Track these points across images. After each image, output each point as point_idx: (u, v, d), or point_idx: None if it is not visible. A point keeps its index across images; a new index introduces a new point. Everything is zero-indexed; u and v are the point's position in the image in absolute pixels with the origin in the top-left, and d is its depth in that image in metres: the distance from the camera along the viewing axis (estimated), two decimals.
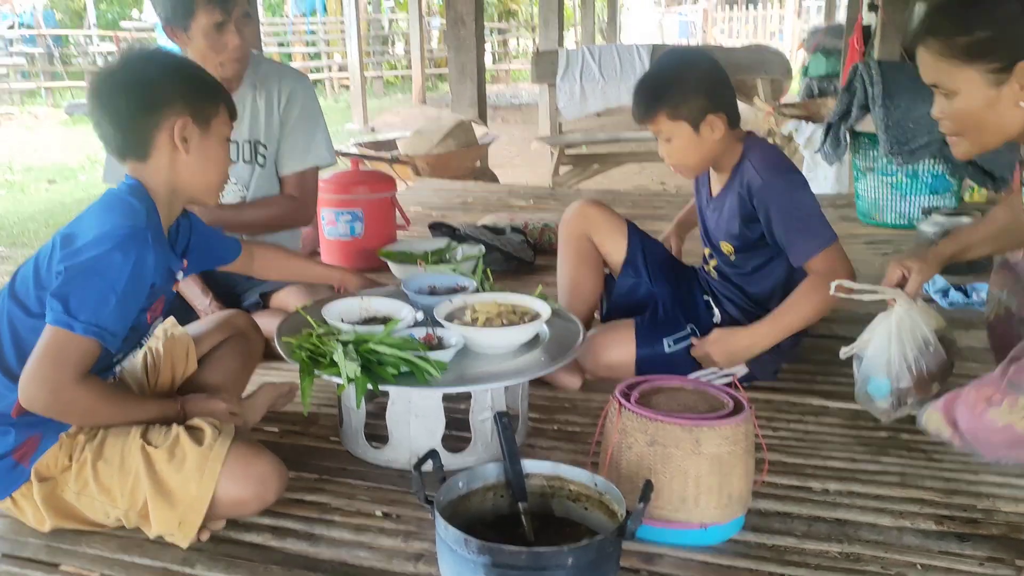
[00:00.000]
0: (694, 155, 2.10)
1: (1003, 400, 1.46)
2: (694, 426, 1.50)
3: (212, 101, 1.63)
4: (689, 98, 2.03)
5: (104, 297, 1.45)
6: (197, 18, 2.22)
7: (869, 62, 3.68)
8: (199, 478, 1.51)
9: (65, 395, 1.45)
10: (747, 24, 24.52)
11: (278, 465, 1.61)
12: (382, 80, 16.00)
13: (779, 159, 2.14)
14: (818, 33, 10.41)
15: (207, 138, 1.62)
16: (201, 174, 1.64)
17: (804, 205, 2.06)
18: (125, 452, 1.54)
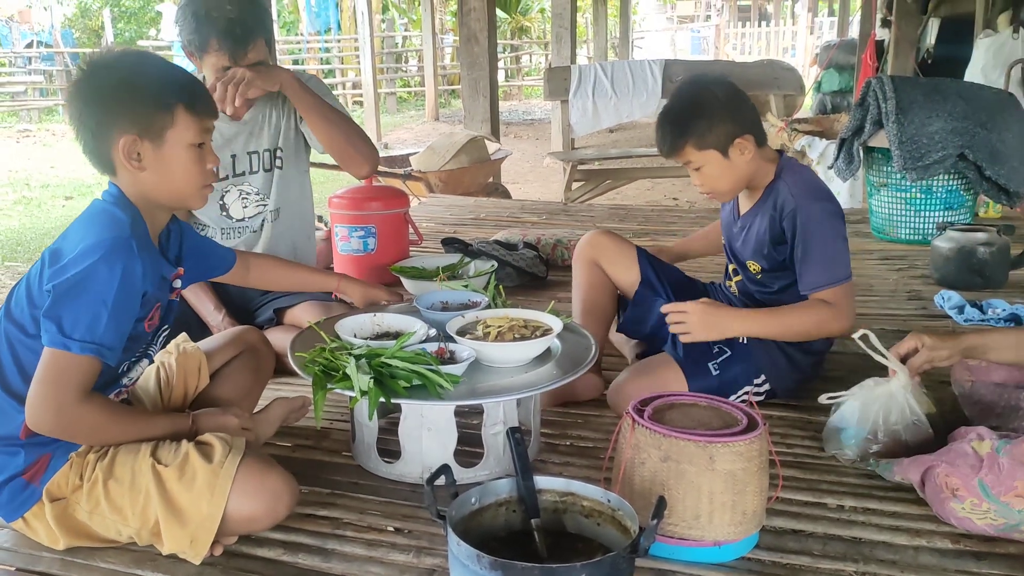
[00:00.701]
0: (727, 180, 2.10)
1: (967, 498, 1.56)
2: (708, 442, 1.49)
3: (162, 112, 1.55)
4: (715, 126, 2.02)
5: (96, 313, 1.44)
6: (208, 56, 2.29)
7: (882, 77, 3.68)
8: (210, 496, 1.51)
9: (70, 415, 1.46)
10: (760, 40, 24.56)
11: (289, 480, 1.61)
12: (395, 97, 16.10)
13: (816, 183, 2.13)
14: (831, 49, 10.43)
15: (162, 150, 1.56)
16: (167, 185, 1.59)
17: (831, 237, 2.05)
18: (136, 471, 1.53)
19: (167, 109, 1.55)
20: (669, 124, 2.08)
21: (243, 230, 2.54)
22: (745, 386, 2.15)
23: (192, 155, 1.59)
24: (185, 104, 1.56)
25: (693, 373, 2.10)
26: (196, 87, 1.61)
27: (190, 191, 1.62)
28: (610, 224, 4.34)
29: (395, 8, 18.79)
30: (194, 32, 2.25)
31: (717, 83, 2.10)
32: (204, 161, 1.62)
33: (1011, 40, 6.49)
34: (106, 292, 1.44)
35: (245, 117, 2.47)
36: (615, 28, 17.90)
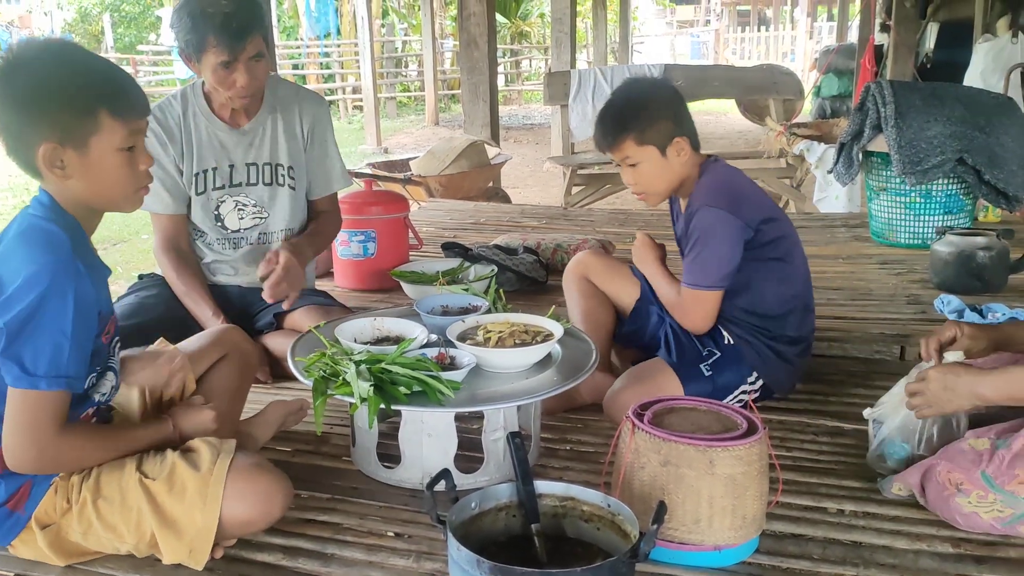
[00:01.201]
0: (662, 180, 2.14)
1: (973, 491, 1.54)
2: (708, 447, 1.49)
3: (84, 117, 1.43)
4: (655, 122, 2.07)
5: (57, 345, 1.39)
6: (207, 54, 2.26)
7: (881, 82, 3.68)
8: (203, 505, 1.50)
9: (52, 452, 1.43)
10: (759, 45, 24.61)
11: (282, 479, 1.59)
12: (395, 101, 16.11)
13: (725, 188, 2.14)
14: (830, 53, 10.44)
15: (88, 157, 1.45)
16: (96, 192, 1.50)
17: (717, 243, 2.08)
18: (124, 488, 1.51)
19: (90, 115, 1.43)
20: (611, 118, 2.12)
21: (240, 242, 2.53)
22: (741, 385, 2.16)
23: (121, 160, 1.48)
24: (109, 108, 1.45)
25: (688, 376, 2.12)
26: (122, 87, 1.49)
27: (122, 196, 1.53)
28: (610, 228, 4.34)
29: (395, 13, 18.81)
30: (191, 31, 2.24)
31: (660, 84, 2.19)
32: (135, 164, 1.51)
33: (1010, 44, 6.50)
34: (63, 322, 1.38)
35: (245, 127, 2.47)
36: (615, 33, 17.93)
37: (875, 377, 2.40)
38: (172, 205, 2.46)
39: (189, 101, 2.46)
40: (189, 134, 2.45)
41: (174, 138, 2.44)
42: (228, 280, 2.57)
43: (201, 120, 2.45)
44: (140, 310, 2.38)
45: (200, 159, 2.46)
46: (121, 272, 6.00)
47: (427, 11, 14.14)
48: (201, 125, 2.45)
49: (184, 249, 2.50)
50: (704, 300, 2.12)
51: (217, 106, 2.45)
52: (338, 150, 2.63)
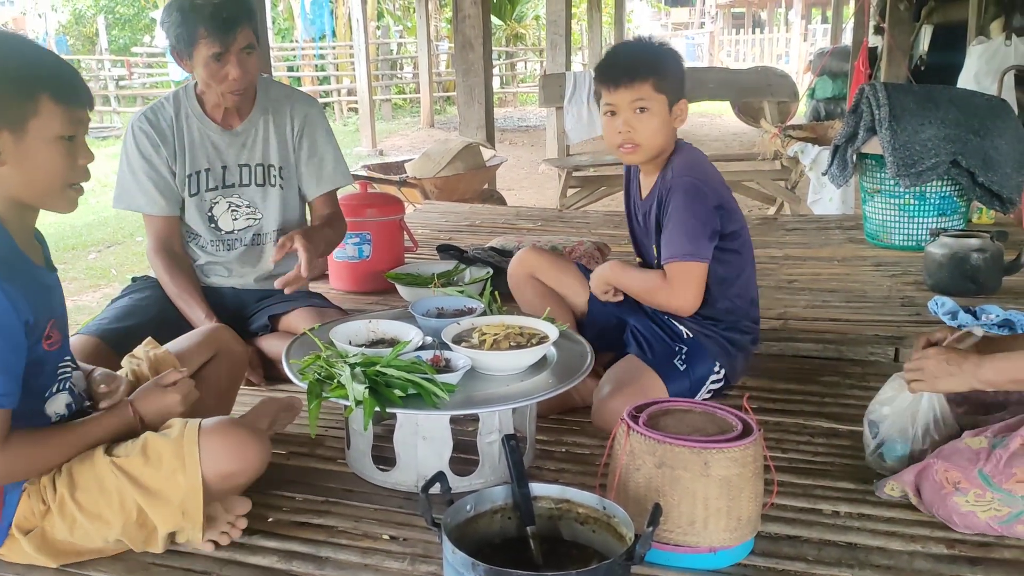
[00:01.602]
0: (659, 134, 2.11)
1: (970, 490, 1.54)
2: (703, 448, 1.49)
3: (23, 99, 1.38)
4: (674, 75, 2.10)
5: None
6: (198, 48, 2.25)
7: (875, 84, 3.69)
8: (182, 467, 1.50)
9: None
10: (754, 47, 24.65)
11: (254, 432, 1.60)
12: (391, 103, 16.11)
13: (698, 164, 2.16)
14: (824, 56, 10.46)
15: (23, 141, 1.39)
16: (30, 182, 1.43)
17: (698, 213, 2.08)
18: (98, 475, 1.51)
19: (29, 97, 1.38)
20: (638, 53, 2.12)
21: (234, 243, 2.53)
22: (710, 376, 2.18)
23: (59, 149, 1.42)
24: (51, 92, 1.40)
25: (667, 375, 2.13)
26: (64, 73, 1.45)
27: (54, 189, 1.45)
28: (605, 230, 4.35)
29: (390, 15, 18.82)
30: (181, 26, 2.24)
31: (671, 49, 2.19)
32: (74, 157, 1.45)
33: (1004, 47, 6.52)
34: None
35: (237, 128, 2.46)
36: (610, 35, 17.96)
37: (870, 379, 2.40)
38: (165, 207, 2.45)
39: (181, 103, 2.46)
40: (182, 136, 2.44)
41: (166, 140, 2.44)
42: (222, 282, 2.56)
43: (194, 122, 2.45)
44: (133, 312, 2.38)
45: (193, 160, 2.45)
46: (115, 275, 6.00)
47: (422, 13, 14.16)
48: (194, 127, 2.45)
49: (177, 251, 2.49)
50: (692, 273, 2.08)
51: (209, 107, 2.44)
52: (335, 149, 2.60)
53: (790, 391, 2.35)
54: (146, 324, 2.27)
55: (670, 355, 2.17)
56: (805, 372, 2.47)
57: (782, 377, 2.43)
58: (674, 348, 2.18)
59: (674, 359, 2.16)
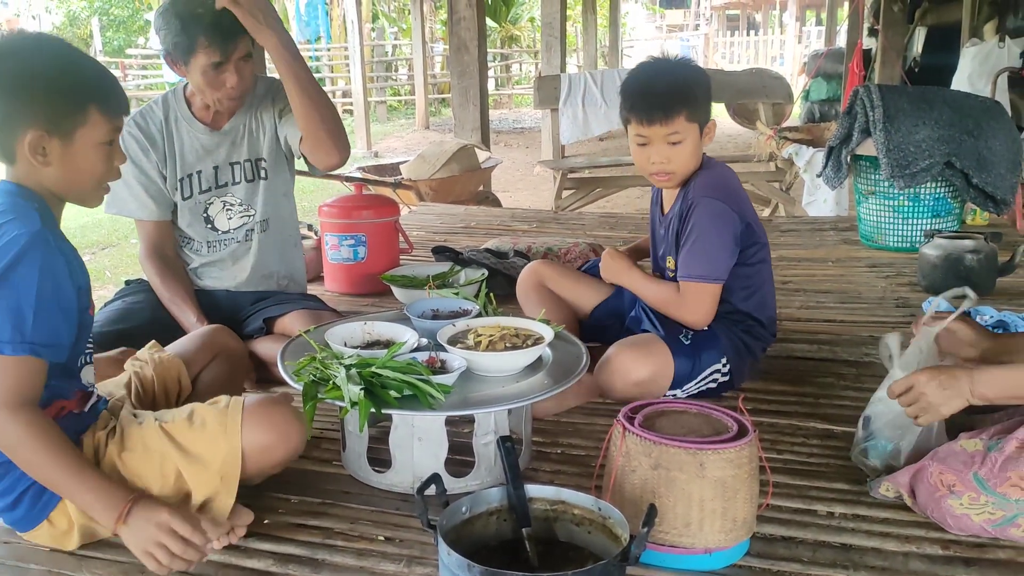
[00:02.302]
0: (693, 159, 2.15)
1: (965, 493, 1.55)
2: (698, 450, 1.49)
3: (74, 110, 1.50)
4: (704, 101, 2.12)
5: (20, 312, 1.40)
6: (197, 56, 2.24)
7: (870, 86, 3.70)
8: (223, 433, 1.56)
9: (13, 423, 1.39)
10: (748, 49, 24.70)
11: (296, 412, 1.67)
12: (385, 105, 16.10)
13: (724, 183, 2.18)
14: (818, 58, 10.49)
15: (71, 147, 1.51)
16: (68, 181, 1.55)
17: (721, 234, 2.11)
18: (145, 437, 1.57)
19: (80, 108, 1.51)
20: (670, 87, 2.07)
21: (229, 242, 2.53)
22: (715, 364, 2.19)
23: (101, 154, 1.56)
24: (98, 103, 1.53)
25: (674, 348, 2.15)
26: (110, 84, 1.57)
27: (91, 189, 1.60)
28: (600, 232, 4.35)
29: (385, 17, 18.82)
30: (180, 34, 2.22)
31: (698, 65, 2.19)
32: (112, 159, 1.58)
33: (997, 49, 6.54)
34: (27, 290, 1.40)
35: (225, 127, 2.46)
36: (605, 37, 17.97)
37: (864, 380, 2.40)
38: (156, 211, 2.45)
39: (171, 106, 2.46)
40: (171, 139, 2.44)
41: (156, 144, 2.43)
42: (216, 284, 2.56)
43: (183, 125, 2.44)
44: (126, 316, 2.37)
45: (184, 164, 2.45)
46: (109, 276, 5.98)
47: (417, 15, 14.16)
48: (183, 130, 2.44)
49: (169, 255, 2.49)
50: (707, 293, 2.13)
51: (198, 110, 2.44)
52: None
53: (785, 392, 2.35)
54: (139, 328, 2.26)
55: (677, 332, 2.19)
56: (800, 373, 2.48)
57: (777, 378, 2.43)
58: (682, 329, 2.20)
59: (679, 335, 2.18)
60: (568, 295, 2.45)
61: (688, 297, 2.15)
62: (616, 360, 2.12)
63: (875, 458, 1.83)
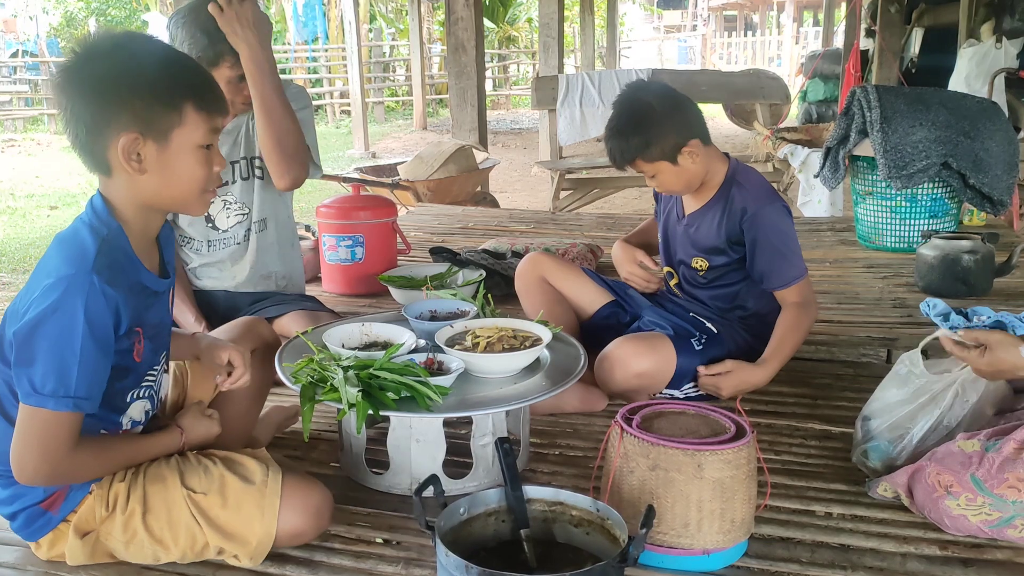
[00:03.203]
0: (681, 183, 2.19)
1: (962, 494, 1.55)
2: (696, 451, 1.49)
3: (169, 109, 1.39)
4: (658, 140, 2.10)
5: (64, 364, 1.33)
6: (219, 70, 2.25)
7: (867, 87, 3.70)
8: (261, 517, 1.51)
9: (64, 467, 1.41)
10: (746, 50, 24.73)
11: (328, 494, 1.62)
12: (383, 106, 16.10)
13: (767, 185, 2.23)
14: (816, 58, 10.51)
15: (167, 151, 1.41)
16: (169, 189, 1.44)
17: (790, 236, 2.16)
18: (170, 504, 1.51)
19: (175, 107, 1.39)
20: (615, 141, 2.16)
21: (228, 241, 2.53)
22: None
23: (199, 157, 1.44)
24: (195, 102, 1.41)
25: (681, 347, 2.14)
26: (207, 81, 1.46)
27: (193, 196, 1.48)
28: (598, 232, 4.35)
29: (382, 18, 18.81)
30: (207, 48, 2.23)
31: (655, 94, 2.15)
32: (211, 164, 1.47)
33: (994, 50, 6.55)
34: (71, 339, 1.33)
35: (228, 127, 2.46)
36: (602, 38, 17.98)
37: (862, 380, 2.41)
38: None
39: None
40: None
41: None
42: (215, 285, 2.56)
43: None
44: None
45: None
46: None
47: (415, 16, 14.15)
48: None
49: None
50: (809, 287, 2.19)
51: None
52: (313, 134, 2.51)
53: (782, 393, 2.36)
54: None
55: (690, 336, 2.18)
56: (797, 374, 2.48)
57: (775, 379, 2.42)
58: (693, 334, 2.19)
59: (692, 339, 2.17)
60: (569, 292, 2.43)
61: (805, 297, 2.17)
62: (617, 350, 2.12)
63: (876, 459, 1.83)
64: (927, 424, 1.77)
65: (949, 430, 1.76)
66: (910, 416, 1.79)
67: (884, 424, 1.82)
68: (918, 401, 1.79)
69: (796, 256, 2.16)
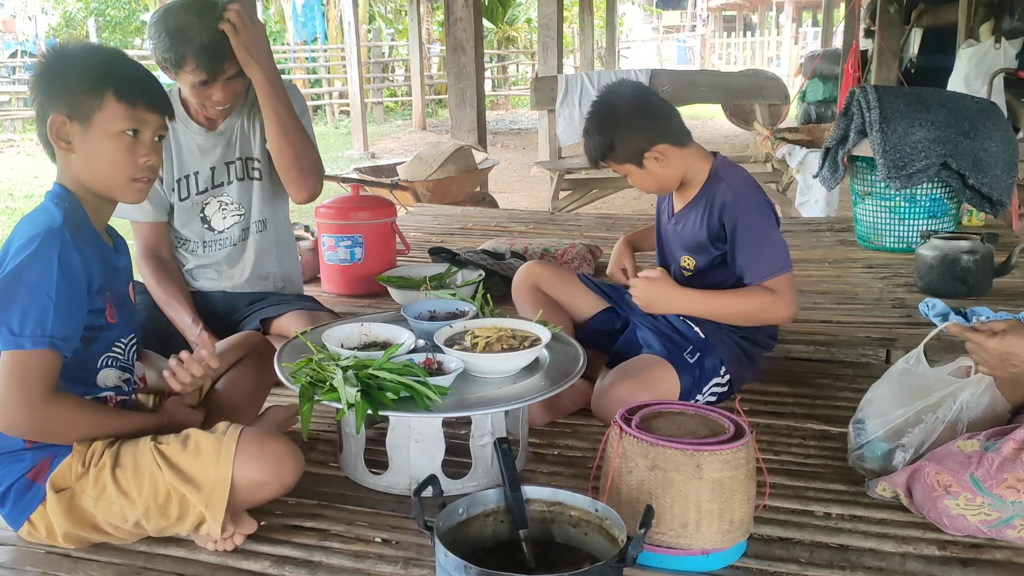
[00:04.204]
0: (652, 184, 2.23)
1: (961, 494, 1.55)
2: (695, 451, 1.49)
3: (90, 94, 1.54)
4: (622, 145, 2.15)
5: (42, 306, 1.44)
6: (184, 72, 2.24)
7: (866, 87, 3.70)
8: (216, 460, 1.54)
9: (42, 412, 1.47)
10: (745, 50, 24.72)
11: (293, 447, 1.64)
12: (382, 106, 16.09)
13: (751, 180, 2.22)
14: (815, 59, 10.51)
15: (89, 133, 1.55)
16: (92, 171, 1.58)
17: (770, 228, 2.14)
18: (138, 456, 1.56)
19: (96, 92, 1.54)
20: (586, 140, 2.23)
21: (223, 242, 2.52)
22: (715, 377, 2.18)
23: (121, 144, 1.56)
24: (115, 90, 1.54)
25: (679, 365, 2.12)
26: (136, 76, 1.60)
27: (117, 181, 1.59)
28: (597, 233, 4.35)
29: (382, 18, 18.81)
30: (169, 50, 2.21)
31: (624, 98, 2.17)
32: (135, 153, 1.58)
33: (993, 50, 6.56)
34: (47, 283, 1.45)
35: (221, 128, 2.45)
36: (601, 38, 17.98)
37: (861, 381, 2.40)
38: (152, 213, 2.44)
39: None
40: (168, 141, 2.43)
41: None
42: (212, 285, 2.56)
43: (179, 126, 2.44)
44: None
45: (181, 165, 2.44)
46: None
47: (414, 16, 14.15)
48: (179, 131, 2.44)
49: (165, 257, 2.49)
50: (790, 283, 2.14)
51: (194, 111, 2.43)
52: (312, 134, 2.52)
53: (782, 393, 2.36)
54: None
55: (681, 349, 2.16)
56: (796, 374, 2.48)
57: (774, 379, 2.43)
58: (685, 345, 2.17)
59: (684, 352, 2.15)
60: (564, 300, 2.43)
61: (781, 291, 2.10)
62: (618, 390, 2.04)
63: (872, 461, 1.83)
64: (926, 428, 1.76)
65: (949, 429, 1.76)
66: (908, 419, 1.78)
67: (880, 425, 1.81)
68: (916, 403, 1.79)
69: (777, 248, 2.12)
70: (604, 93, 2.21)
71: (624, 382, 2.07)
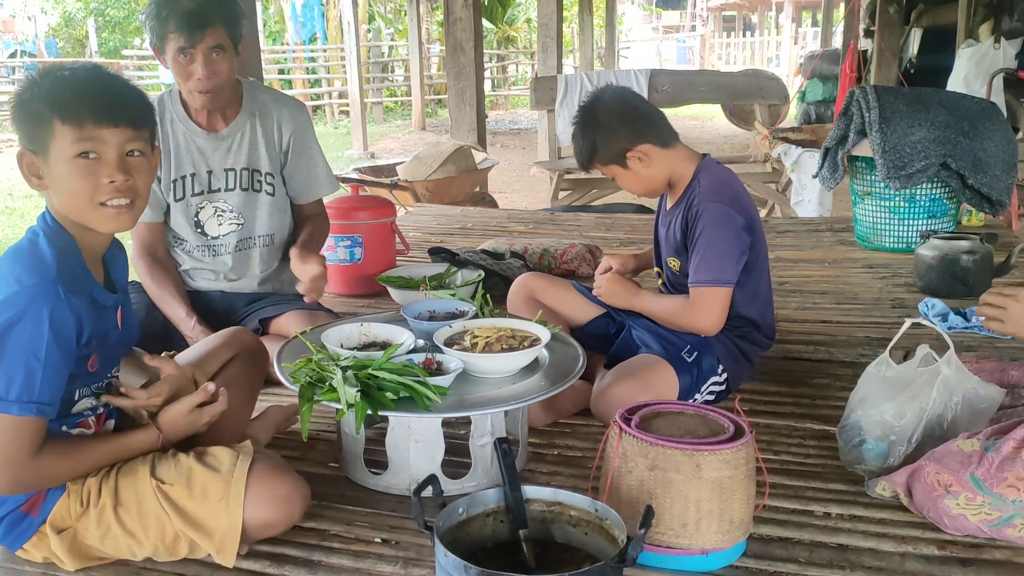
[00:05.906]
0: (639, 185, 2.24)
1: (961, 493, 1.55)
2: (695, 451, 1.49)
3: (39, 126, 1.44)
4: (604, 146, 2.17)
5: (30, 370, 1.37)
6: (168, 42, 2.25)
7: (866, 87, 3.71)
8: (226, 507, 1.51)
9: (26, 475, 1.43)
10: (744, 50, 24.73)
11: (300, 483, 1.62)
12: (382, 106, 16.09)
13: (724, 185, 2.18)
14: (815, 59, 10.51)
15: (50, 164, 1.45)
16: (63, 202, 1.48)
17: (726, 238, 2.11)
18: (140, 495, 1.52)
19: (43, 122, 1.44)
20: (573, 143, 2.26)
21: (218, 249, 2.51)
22: (712, 376, 2.18)
23: (77, 168, 1.44)
24: (59, 114, 1.43)
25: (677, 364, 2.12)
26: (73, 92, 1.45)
27: (83, 209, 1.47)
28: (596, 233, 4.35)
29: (381, 18, 18.80)
30: (155, 17, 2.24)
31: (605, 100, 2.20)
32: (97, 175, 1.45)
33: (992, 50, 6.56)
34: (36, 346, 1.37)
35: (223, 132, 2.44)
36: (601, 38, 17.98)
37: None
38: (148, 213, 2.44)
39: (166, 107, 2.44)
40: (166, 140, 2.43)
41: None
42: (210, 285, 2.55)
43: (178, 126, 2.44)
44: None
45: (178, 165, 2.44)
46: None
47: (413, 16, 14.15)
48: (178, 131, 2.44)
49: (160, 256, 2.49)
50: (716, 297, 2.12)
51: (194, 111, 2.43)
52: (323, 155, 2.62)
53: (781, 393, 2.36)
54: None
55: (679, 348, 2.16)
56: (796, 374, 2.48)
57: (773, 379, 2.43)
58: (683, 345, 2.17)
59: (681, 352, 2.15)
60: (559, 307, 2.43)
61: (698, 303, 2.12)
62: (617, 391, 2.05)
63: (870, 461, 1.83)
64: (917, 420, 1.76)
65: (944, 429, 1.76)
66: (896, 412, 1.78)
67: (871, 423, 1.81)
68: (899, 395, 1.79)
69: (720, 259, 2.09)
70: (588, 99, 2.24)
71: (623, 382, 2.08)
